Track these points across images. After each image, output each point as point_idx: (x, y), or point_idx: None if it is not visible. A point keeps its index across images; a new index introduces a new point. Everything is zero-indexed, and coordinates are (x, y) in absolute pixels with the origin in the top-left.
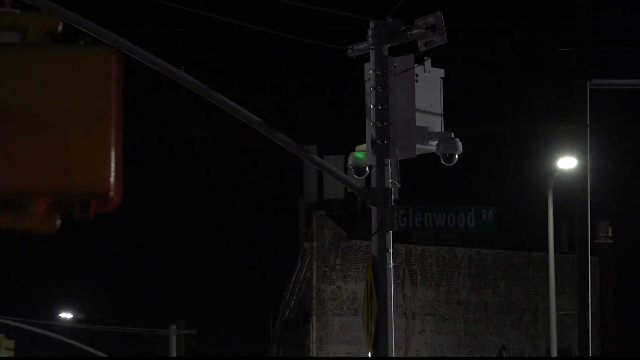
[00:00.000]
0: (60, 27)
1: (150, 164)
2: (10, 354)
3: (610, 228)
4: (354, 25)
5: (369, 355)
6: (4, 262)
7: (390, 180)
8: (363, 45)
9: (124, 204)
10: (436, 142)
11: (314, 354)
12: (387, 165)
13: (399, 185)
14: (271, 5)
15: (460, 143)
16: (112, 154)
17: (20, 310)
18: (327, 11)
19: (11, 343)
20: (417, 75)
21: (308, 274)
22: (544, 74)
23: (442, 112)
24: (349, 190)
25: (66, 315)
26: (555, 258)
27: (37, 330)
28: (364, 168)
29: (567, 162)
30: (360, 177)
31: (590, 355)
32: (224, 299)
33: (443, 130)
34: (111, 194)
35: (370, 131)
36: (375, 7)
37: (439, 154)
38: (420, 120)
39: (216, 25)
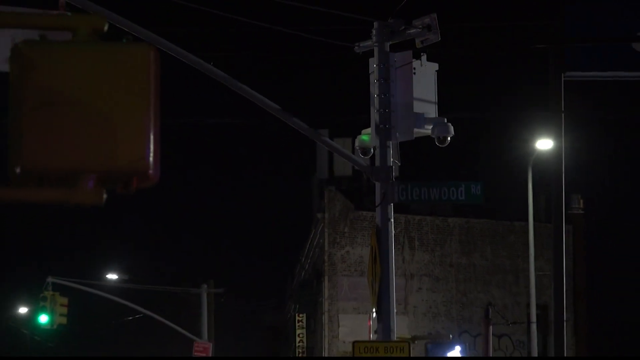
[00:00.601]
0: (105, 27)
1: (184, 145)
2: (64, 310)
3: (581, 201)
4: (360, 25)
5: (374, 310)
6: (58, 230)
7: (392, 160)
8: (368, 43)
9: (162, 180)
10: (431, 126)
11: (325, 309)
12: (389, 147)
13: (399, 164)
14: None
15: (452, 127)
16: (151, 137)
17: (73, 272)
18: (337, 13)
19: (65, 300)
20: (414, 68)
21: (321, 241)
22: (525, 68)
23: (436, 100)
24: (356, 168)
25: (112, 276)
26: (534, 226)
27: (87, 289)
28: (369, 149)
29: (544, 144)
30: (366, 157)
31: (564, 308)
32: (248, 262)
33: (437, 116)
34: (150, 171)
35: (374, 117)
36: (378, 8)
37: (433, 136)
38: (417, 107)
39: (240, 25)
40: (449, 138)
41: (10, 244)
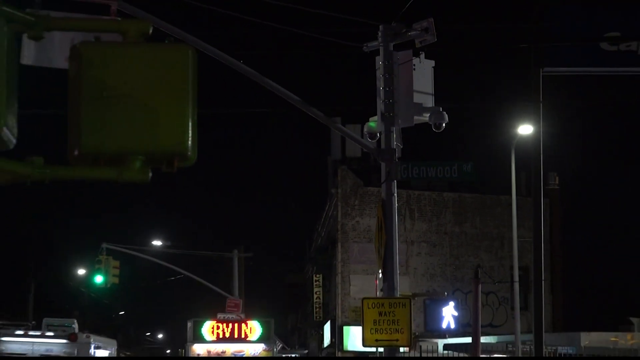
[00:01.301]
0: (150, 30)
1: (217, 131)
2: (117, 271)
3: (557, 178)
4: (367, 28)
5: (380, 271)
6: (111, 203)
7: (395, 143)
8: (374, 43)
9: (203, 162)
10: (429, 114)
11: (339, 271)
12: (392, 132)
13: (401, 147)
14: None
15: (447, 115)
16: (190, 123)
17: (124, 239)
18: (348, 18)
19: (117, 263)
20: (414, 65)
21: (334, 212)
22: (509, 64)
23: (433, 92)
24: (365, 150)
25: (157, 242)
26: (517, 200)
27: (135, 253)
28: (376, 134)
29: (525, 129)
30: (373, 141)
31: (542, 269)
32: (273, 231)
33: (434, 105)
34: (189, 153)
35: (380, 106)
36: (383, 13)
37: (431, 123)
38: (417, 98)
39: (267, 28)
40: (444, 124)
41: (72, 216)
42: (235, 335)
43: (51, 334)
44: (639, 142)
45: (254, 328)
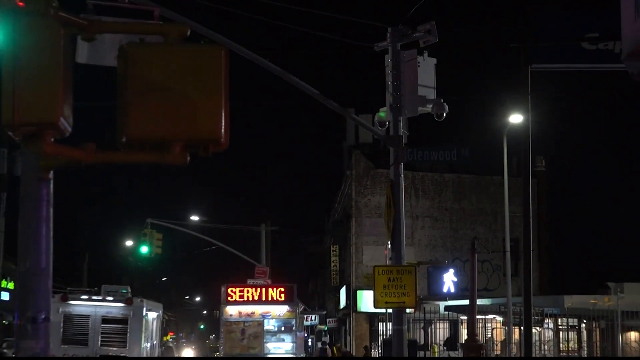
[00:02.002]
0: (188, 32)
1: (248, 121)
2: (160, 243)
3: (543, 160)
4: (378, 30)
5: (389, 242)
6: (155, 183)
7: (402, 130)
8: (384, 44)
9: (232, 145)
10: (431, 105)
11: (353, 242)
12: (400, 121)
13: (407, 134)
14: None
15: (447, 106)
16: (223, 114)
17: (166, 214)
18: (362, 21)
19: (160, 236)
20: (418, 62)
21: (349, 191)
22: (502, 61)
23: (435, 86)
24: (375, 137)
25: (195, 217)
26: (508, 180)
27: (175, 227)
28: (385, 122)
29: (516, 118)
30: (382, 128)
31: (530, 240)
32: (296, 207)
33: (436, 97)
34: (222, 139)
35: (389, 98)
36: (391, 16)
37: (433, 113)
38: (421, 91)
39: (290, 31)
40: (444, 114)
41: (121, 195)
42: (263, 299)
43: (110, 298)
44: (616, 129)
45: (279, 292)
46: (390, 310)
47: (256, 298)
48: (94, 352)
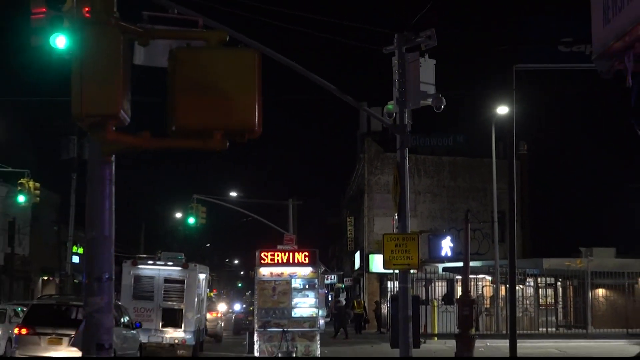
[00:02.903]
0: (227, 38)
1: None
2: (204, 215)
3: (525, 145)
4: (386, 35)
5: (396, 214)
6: (200, 163)
7: (406, 120)
8: (391, 47)
9: (266, 133)
10: (431, 99)
11: (365, 214)
12: (404, 112)
13: (411, 123)
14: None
15: (444, 99)
16: (256, 107)
17: (209, 190)
18: (373, 28)
19: (204, 209)
20: (420, 63)
21: (362, 171)
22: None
23: (434, 82)
24: (384, 125)
25: (233, 193)
26: (496, 162)
27: (217, 201)
28: (392, 113)
29: (502, 110)
30: (390, 118)
31: (515, 212)
32: (317, 185)
33: (435, 92)
34: (256, 128)
35: (395, 93)
36: (398, 23)
37: (432, 105)
38: (422, 87)
39: (311, 36)
40: (442, 106)
41: (171, 174)
42: (290, 261)
43: (170, 263)
44: (587, 119)
45: (304, 256)
46: (397, 271)
47: (285, 261)
48: (157, 305)
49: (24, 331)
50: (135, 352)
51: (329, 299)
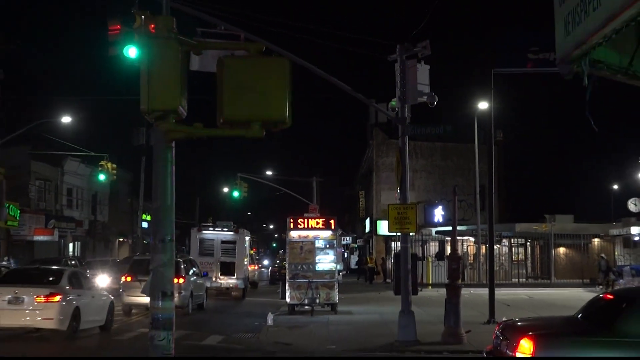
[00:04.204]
0: (264, 48)
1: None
2: (246, 189)
3: (502, 133)
4: (389, 46)
5: (398, 189)
6: (244, 149)
7: (406, 113)
8: (394, 55)
9: (296, 124)
10: (426, 97)
11: (374, 189)
12: (405, 107)
13: (410, 115)
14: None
15: (437, 96)
16: (287, 103)
17: (250, 170)
18: (379, 41)
19: (246, 185)
20: (417, 68)
21: (371, 154)
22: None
23: (429, 83)
24: (389, 118)
25: (269, 172)
26: (478, 146)
27: (257, 179)
28: (395, 108)
29: (483, 105)
30: (394, 112)
31: (493, 185)
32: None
33: (429, 91)
34: (287, 120)
35: (397, 92)
36: (399, 35)
37: (427, 102)
38: (419, 87)
39: (326, 47)
40: (435, 102)
41: (220, 158)
42: (314, 226)
43: (225, 229)
44: (551, 112)
45: (325, 222)
46: (399, 234)
47: (309, 226)
48: (216, 260)
49: (128, 279)
50: (204, 294)
51: (345, 256)
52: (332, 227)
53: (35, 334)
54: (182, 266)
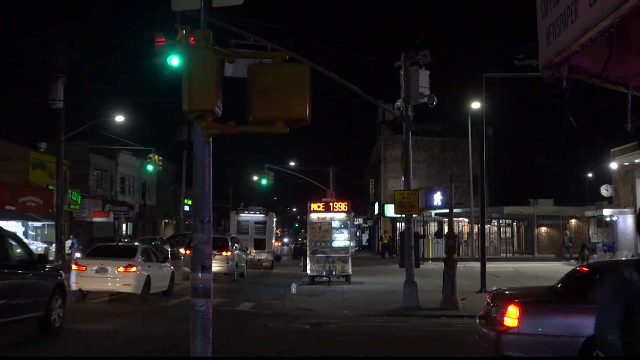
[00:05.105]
0: (287, 57)
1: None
2: (272, 178)
3: (492, 129)
4: (395, 54)
5: (402, 178)
6: (270, 143)
7: (410, 112)
8: (399, 63)
9: (315, 122)
10: (426, 98)
11: (382, 177)
12: (408, 107)
13: (412, 114)
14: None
15: (436, 98)
16: (307, 104)
17: (276, 161)
18: (387, 49)
19: (272, 174)
20: (419, 73)
21: (380, 147)
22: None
23: (429, 86)
24: (395, 116)
25: (292, 163)
26: (471, 141)
27: (282, 169)
28: (400, 108)
29: (476, 105)
30: (399, 111)
31: (484, 173)
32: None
33: (430, 93)
34: (307, 119)
35: (402, 94)
36: (404, 44)
37: (427, 102)
38: (420, 90)
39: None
40: (434, 103)
41: (250, 150)
42: (331, 209)
43: (257, 212)
44: (535, 110)
45: (340, 205)
46: (403, 215)
47: (327, 209)
48: (251, 237)
49: (187, 251)
50: (244, 264)
51: (357, 234)
52: (346, 210)
53: (115, 297)
54: (229, 243)
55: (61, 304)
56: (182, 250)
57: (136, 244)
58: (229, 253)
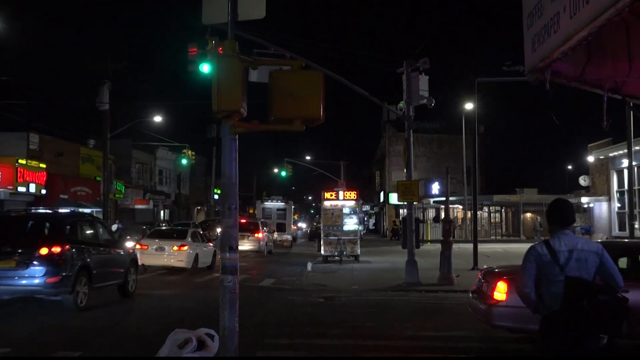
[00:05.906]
0: (303, 64)
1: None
2: (290, 170)
3: (483, 127)
4: (397, 62)
5: (405, 170)
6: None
7: (411, 113)
8: (401, 69)
9: (328, 122)
10: (426, 99)
11: (386, 170)
12: (410, 108)
13: (413, 114)
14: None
15: (434, 100)
16: (321, 105)
17: (294, 155)
18: (389, 57)
19: (290, 167)
20: (419, 78)
21: (384, 143)
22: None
23: (428, 89)
24: (398, 116)
25: (308, 157)
26: (465, 138)
27: (299, 162)
28: (402, 108)
29: (469, 106)
30: (401, 112)
31: (476, 165)
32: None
33: (428, 96)
34: (321, 118)
35: (404, 96)
36: (405, 52)
37: (427, 104)
38: (420, 92)
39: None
40: (432, 104)
41: (269, 145)
42: (342, 197)
43: (279, 200)
44: (522, 109)
45: (350, 194)
46: (405, 203)
47: (338, 197)
48: (273, 221)
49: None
50: (272, 244)
51: (365, 219)
52: (355, 198)
53: (167, 271)
54: (260, 226)
55: (134, 274)
56: (218, 231)
57: (189, 228)
58: (260, 235)
